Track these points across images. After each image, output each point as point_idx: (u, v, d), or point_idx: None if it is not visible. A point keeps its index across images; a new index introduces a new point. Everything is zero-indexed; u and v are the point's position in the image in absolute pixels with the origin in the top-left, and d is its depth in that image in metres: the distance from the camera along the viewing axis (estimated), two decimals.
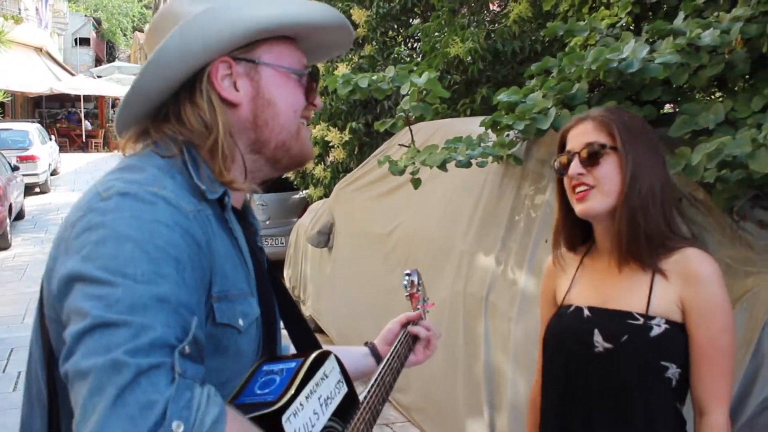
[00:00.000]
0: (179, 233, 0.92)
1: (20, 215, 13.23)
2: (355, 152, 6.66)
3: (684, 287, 1.48)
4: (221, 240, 1.03)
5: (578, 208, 1.57)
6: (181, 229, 0.93)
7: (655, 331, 1.47)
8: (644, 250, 1.52)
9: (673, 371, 1.48)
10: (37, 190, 16.46)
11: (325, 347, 1.21)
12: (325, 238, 5.38)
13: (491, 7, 5.65)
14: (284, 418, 0.97)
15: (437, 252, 3.62)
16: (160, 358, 0.82)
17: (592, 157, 1.54)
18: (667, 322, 1.48)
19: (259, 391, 1.02)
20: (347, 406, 1.16)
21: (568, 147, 1.61)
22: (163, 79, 1.06)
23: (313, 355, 1.09)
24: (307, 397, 1.03)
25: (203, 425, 0.81)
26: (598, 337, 1.52)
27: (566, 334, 1.61)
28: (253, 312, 1.07)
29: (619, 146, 1.53)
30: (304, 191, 7.74)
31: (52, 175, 18.22)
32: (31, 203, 14.96)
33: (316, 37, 1.20)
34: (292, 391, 1.00)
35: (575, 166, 1.55)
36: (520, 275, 2.91)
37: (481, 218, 3.31)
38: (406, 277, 1.76)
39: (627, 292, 1.54)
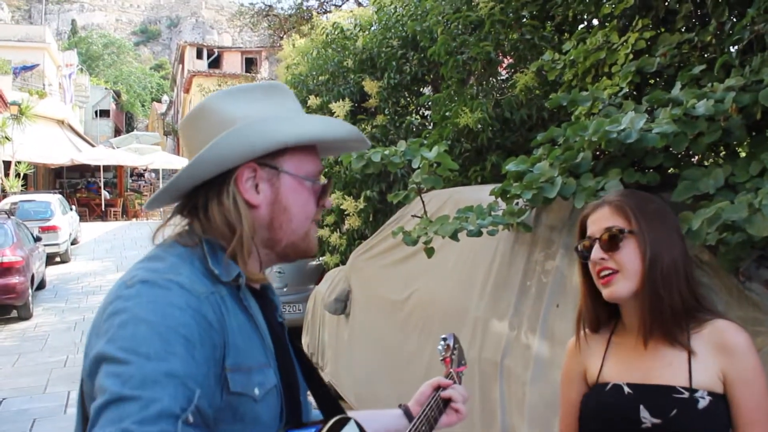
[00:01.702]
0: (190, 314, 1.04)
1: (41, 285, 13.39)
2: (370, 219, 6.72)
3: (723, 359, 1.52)
4: (235, 317, 1.14)
5: (605, 293, 1.61)
6: (192, 310, 1.05)
7: (702, 404, 1.50)
8: (670, 326, 1.56)
9: None
10: (58, 259, 16.67)
11: (351, 413, 1.28)
12: (342, 305, 5.43)
13: (499, 75, 5.81)
14: None
15: (452, 318, 3.67)
16: (165, 427, 0.92)
17: (612, 242, 1.59)
18: (710, 394, 1.51)
19: None
20: None
21: (589, 233, 1.66)
22: (198, 177, 1.20)
23: (332, 421, 1.15)
24: None
25: None
26: (645, 414, 1.53)
27: (608, 412, 1.61)
28: (269, 382, 1.17)
29: (635, 229, 1.58)
30: (321, 258, 7.82)
31: (72, 244, 18.44)
32: (52, 273, 15.14)
33: (335, 145, 1.37)
34: None
35: (597, 252, 1.61)
36: (534, 340, 2.96)
37: (494, 284, 3.37)
38: (443, 342, 1.79)
39: (667, 367, 1.57)
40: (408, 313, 4.28)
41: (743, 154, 2.77)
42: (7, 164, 21.44)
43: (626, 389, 1.60)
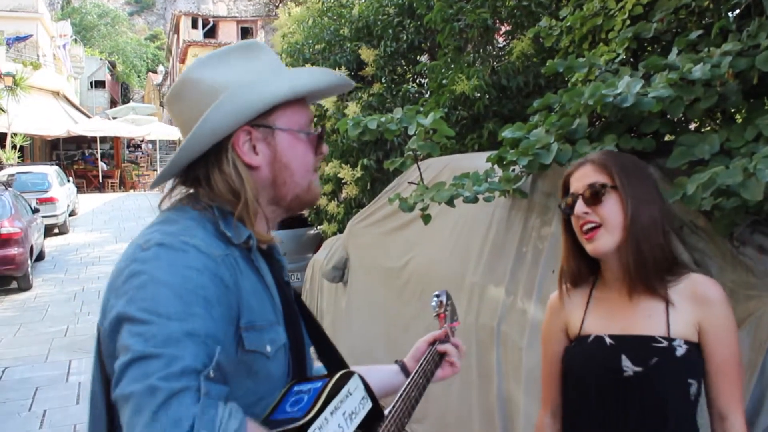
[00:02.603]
0: (208, 276, 1.08)
1: (40, 256, 13.42)
2: (368, 188, 6.72)
3: (699, 310, 1.61)
4: (248, 277, 1.19)
5: (589, 248, 1.68)
6: (209, 272, 1.09)
7: (679, 351, 1.58)
8: (653, 277, 1.63)
9: (694, 387, 1.60)
10: (56, 231, 16.66)
11: (353, 368, 1.33)
12: (340, 273, 5.46)
13: (495, 42, 5.77)
14: (310, 431, 1.09)
15: (449, 284, 3.67)
16: (188, 383, 0.97)
17: (595, 197, 1.66)
18: (686, 342, 1.59)
19: (289, 409, 1.15)
20: (372, 420, 1.26)
21: (572, 189, 1.73)
22: (196, 152, 1.23)
23: (337, 375, 1.21)
24: (332, 413, 1.14)
25: None
26: (626, 362, 1.61)
27: (591, 362, 1.69)
28: (280, 339, 1.22)
29: (618, 185, 1.65)
30: (319, 227, 7.83)
31: (70, 215, 18.43)
32: (51, 244, 15.16)
33: (322, 93, 1.39)
34: (317, 407, 1.12)
35: (580, 206, 1.67)
36: (530, 305, 2.99)
37: (491, 250, 3.39)
38: (435, 299, 1.82)
39: (646, 318, 1.64)
40: (405, 279, 4.30)
41: (739, 120, 2.77)
42: (2, 136, 21.31)
43: (608, 340, 1.67)
